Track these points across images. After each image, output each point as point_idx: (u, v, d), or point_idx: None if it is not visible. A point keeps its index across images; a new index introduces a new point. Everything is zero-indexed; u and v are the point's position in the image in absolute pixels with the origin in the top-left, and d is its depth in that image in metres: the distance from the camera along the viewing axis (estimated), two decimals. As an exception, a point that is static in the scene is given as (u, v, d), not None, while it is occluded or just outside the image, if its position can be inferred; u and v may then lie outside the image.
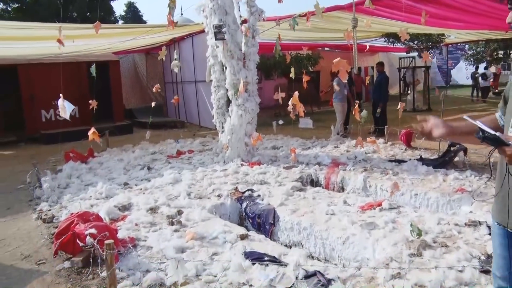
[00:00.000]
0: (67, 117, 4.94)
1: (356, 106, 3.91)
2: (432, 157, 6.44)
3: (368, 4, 5.93)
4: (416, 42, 14.47)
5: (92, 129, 5.67)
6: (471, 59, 22.24)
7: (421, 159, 6.19)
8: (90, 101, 5.53)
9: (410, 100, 13.97)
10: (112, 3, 26.61)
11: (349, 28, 4.49)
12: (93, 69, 4.96)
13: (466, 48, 22.36)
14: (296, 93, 4.28)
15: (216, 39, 6.41)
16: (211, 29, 6.55)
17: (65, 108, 4.85)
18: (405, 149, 7.26)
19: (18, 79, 10.94)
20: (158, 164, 7.07)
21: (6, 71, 10.85)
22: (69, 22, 22.93)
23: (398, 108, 3.96)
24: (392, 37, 13.83)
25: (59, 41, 4.92)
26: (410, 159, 6.21)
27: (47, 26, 9.37)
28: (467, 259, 3.02)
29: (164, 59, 6.11)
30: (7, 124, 11.20)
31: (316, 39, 13.37)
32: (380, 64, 9.90)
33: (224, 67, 6.84)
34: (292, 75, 6.29)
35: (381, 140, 7.96)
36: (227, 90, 6.83)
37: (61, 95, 4.71)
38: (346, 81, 6.49)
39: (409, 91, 14.82)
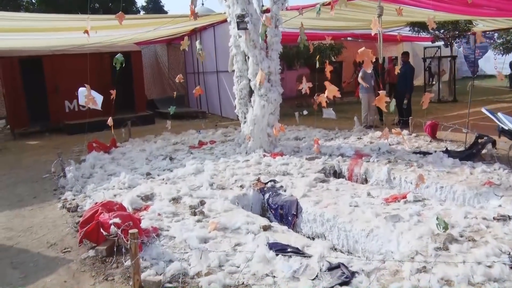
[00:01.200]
0: (99, 107, 5.04)
1: (381, 95, 3.83)
2: (458, 149, 6.30)
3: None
4: (442, 31, 14.04)
5: (110, 119, 5.79)
6: (501, 48, 21.49)
7: (447, 151, 6.06)
8: (110, 91, 5.61)
9: (436, 90, 13.66)
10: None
11: (374, 17, 4.38)
12: (119, 57, 4.99)
13: (495, 37, 21.60)
14: (332, 87, 4.23)
15: (238, 28, 6.39)
16: (234, 18, 6.52)
17: (95, 99, 4.94)
18: (430, 141, 7.13)
19: (43, 70, 11.15)
20: (180, 154, 7.14)
21: (31, 63, 11.07)
22: (91, 13, 23.30)
23: (423, 99, 3.88)
24: (418, 26, 13.50)
25: (86, 32, 4.98)
26: (435, 151, 6.09)
27: (70, 18, 9.55)
28: (496, 255, 2.95)
29: (186, 49, 6.11)
30: (32, 114, 11.46)
31: (339, 28, 13.17)
32: (405, 54, 9.70)
33: (246, 57, 6.82)
34: (317, 66, 6.21)
35: (405, 131, 7.83)
36: (249, 80, 6.82)
37: (86, 85, 4.76)
38: (371, 71, 6.38)
39: (434, 82, 14.51)
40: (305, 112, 7.45)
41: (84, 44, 10.77)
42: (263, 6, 7.30)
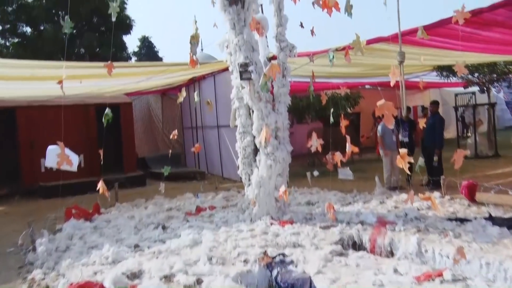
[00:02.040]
0: (74, 168, 5.04)
1: (402, 153, 3.86)
2: (505, 216, 6.17)
3: (422, 35, 5.94)
4: (476, 75, 14.22)
5: (101, 182, 5.75)
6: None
7: (491, 218, 5.93)
8: (99, 152, 5.70)
9: (471, 144, 13.69)
10: (124, 38, 27.95)
11: (395, 64, 4.52)
12: (108, 113, 5.12)
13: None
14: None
15: (241, 79, 6.59)
16: (236, 67, 6.75)
17: (71, 158, 4.95)
18: (468, 205, 7.04)
19: (16, 123, 11.31)
20: (174, 222, 7.10)
21: (1, 114, 11.24)
22: (76, 59, 24.11)
23: (454, 157, 3.86)
24: (446, 70, 13.78)
25: (60, 83, 5.10)
26: (476, 218, 5.99)
27: (50, 65, 9.80)
28: None
29: (182, 101, 6.29)
30: (0, 174, 11.43)
31: (355, 75, 13.53)
32: (434, 104, 9.86)
33: (250, 111, 6.97)
34: (331, 120, 6.33)
35: (437, 193, 7.78)
36: (254, 137, 6.92)
37: (59, 142, 4.76)
38: (393, 127, 6.46)
39: (469, 134, 14.57)
40: (316, 173, 7.48)
41: (66, 95, 11.01)
42: (269, 52, 7.57)
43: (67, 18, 4.45)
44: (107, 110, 5.19)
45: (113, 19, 4.95)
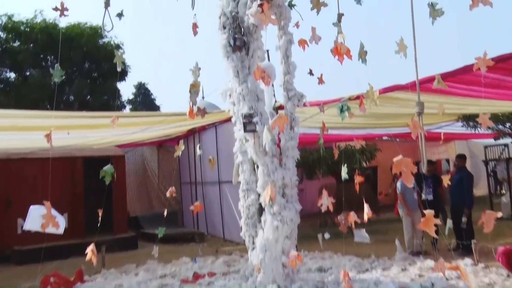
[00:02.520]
0: (61, 231, 4.99)
1: (427, 215, 3.82)
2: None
3: (438, 84, 6.04)
4: (508, 125, 14.22)
5: (92, 246, 5.66)
6: None
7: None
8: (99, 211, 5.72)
9: (506, 203, 13.51)
10: (118, 85, 28.53)
11: (414, 117, 4.58)
12: (109, 169, 5.16)
13: None
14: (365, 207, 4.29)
15: (245, 131, 6.66)
16: (239, 118, 6.84)
17: (57, 220, 4.92)
18: (508, 275, 6.86)
19: (-9, 179, 11.16)
20: (168, 291, 6.99)
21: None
22: (64, 107, 24.52)
23: (483, 219, 3.79)
24: (472, 120, 13.83)
25: (47, 137, 5.19)
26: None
27: (34, 115, 9.93)
28: None
29: (180, 155, 6.35)
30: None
31: (371, 126, 13.63)
32: (461, 158, 9.88)
33: (255, 166, 7.00)
34: (343, 175, 6.35)
35: (468, 260, 7.63)
36: (259, 194, 6.91)
37: (46, 202, 4.75)
38: (414, 184, 6.46)
39: (503, 191, 14.43)
40: (327, 236, 7.42)
41: (50, 148, 10.96)
42: (275, 102, 7.70)
43: (57, 66, 4.60)
44: (107, 167, 5.23)
45: (118, 69, 5.14)
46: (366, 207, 4.38)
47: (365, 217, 4.32)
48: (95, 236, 11.09)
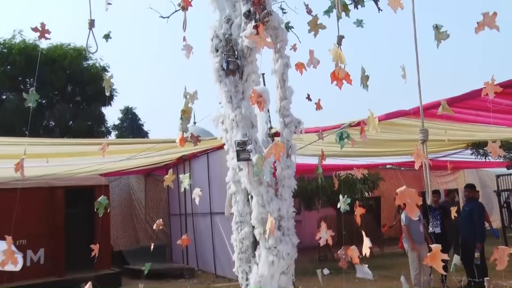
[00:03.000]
0: (18, 267, 4.84)
1: (434, 250, 3.85)
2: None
3: (444, 110, 6.13)
4: (522, 153, 14.32)
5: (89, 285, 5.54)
6: None
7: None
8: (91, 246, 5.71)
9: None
10: (103, 110, 28.60)
11: (417, 145, 4.65)
12: (103, 201, 5.18)
13: None
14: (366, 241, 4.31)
15: (238, 159, 6.69)
16: (233, 146, 6.89)
17: (16, 256, 4.78)
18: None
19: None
20: (154, 333, 6.95)
21: None
22: (44, 133, 24.47)
23: (495, 255, 3.80)
24: (482, 147, 13.93)
25: (18, 166, 5.11)
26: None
27: (7, 142, 9.93)
28: None
29: (171, 186, 6.37)
30: None
31: (373, 155, 13.73)
32: (470, 188, 9.96)
33: (249, 196, 7.03)
34: (341, 207, 6.38)
35: (479, 299, 7.64)
36: (253, 227, 6.92)
37: (7, 237, 4.65)
38: (419, 216, 6.50)
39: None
40: (326, 272, 7.42)
41: (27, 177, 10.86)
42: (271, 128, 7.76)
43: (31, 90, 4.61)
44: (101, 198, 5.27)
45: (107, 93, 5.19)
46: (367, 240, 4.40)
47: (366, 252, 4.34)
48: (76, 272, 11.10)
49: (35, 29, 4.69)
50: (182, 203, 14.09)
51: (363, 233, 4.38)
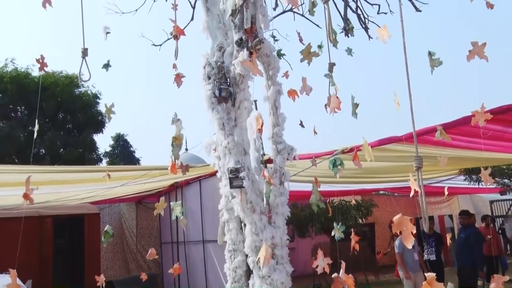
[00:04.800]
0: None
1: (429, 278, 3.83)
2: None
3: (441, 136, 6.15)
4: (515, 178, 14.36)
5: None
6: None
7: None
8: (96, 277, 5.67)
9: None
10: (95, 137, 28.54)
11: (411, 174, 4.66)
12: (109, 230, 5.14)
13: None
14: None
15: (231, 187, 6.68)
16: (225, 173, 6.87)
17: None
18: None
19: None
20: None
21: None
22: (34, 161, 24.30)
23: (494, 280, 3.80)
24: (476, 173, 13.98)
25: (26, 197, 5.06)
26: None
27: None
28: None
29: (162, 214, 6.33)
30: None
31: (367, 181, 13.73)
32: (465, 215, 9.94)
33: (242, 224, 6.99)
34: (336, 235, 6.36)
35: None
36: (246, 256, 6.86)
37: (11, 270, 4.59)
38: (414, 243, 6.48)
39: (512, 250, 14.42)
40: None
41: (15, 205, 10.74)
42: (263, 155, 7.76)
43: (37, 125, 4.68)
44: (107, 227, 5.24)
45: (108, 121, 5.24)
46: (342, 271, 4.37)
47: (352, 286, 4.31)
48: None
49: (37, 61, 4.79)
50: (174, 231, 13.96)
51: (343, 263, 4.35)
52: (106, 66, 5.74)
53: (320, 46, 5.54)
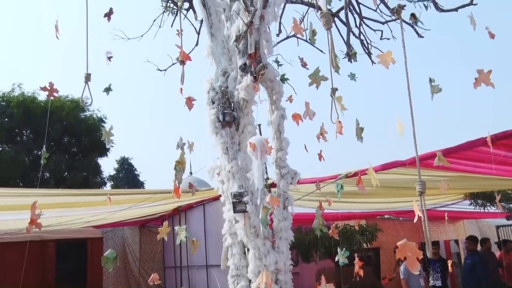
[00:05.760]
0: None
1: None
2: None
3: (440, 161, 6.18)
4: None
5: None
6: None
7: None
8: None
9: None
10: (99, 160, 28.64)
11: (414, 199, 4.66)
12: (110, 254, 5.12)
13: None
14: None
15: (235, 211, 6.68)
16: (229, 198, 6.88)
17: None
18: None
19: None
20: None
21: None
22: (38, 185, 24.35)
23: None
24: (482, 198, 13.87)
25: (33, 223, 5.08)
26: None
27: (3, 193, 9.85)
28: None
29: (165, 238, 6.33)
30: None
31: (371, 206, 13.68)
32: (472, 240, 9.90)
33: (246, 249, 6.96)
34: (340, 260, 6.33)
35: None
36: (250, 281, 6.82)
37: None
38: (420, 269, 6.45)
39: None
40: None
41: (18, 229, 10.61)
42: (267, 179, 7.76)
43: (44, 151, 4.71)
44: (109, 252, 5.22)
45: (107, 145, 5.25)
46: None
47: None
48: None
49: (43, 89, 4.77)
50: (178, 255, 13.89)
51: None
52: (107, 90, 5.79)
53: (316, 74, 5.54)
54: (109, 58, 5.54)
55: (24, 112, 24.56)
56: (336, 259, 6.58)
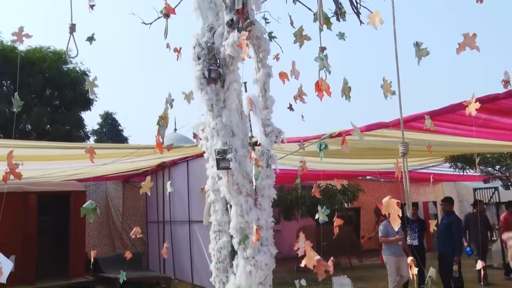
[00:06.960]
0: (4, 279, 4.75)
1: (410, 260, 3.91)
2: None
3: (429, 125, 6.21)
4: (498, 167, 14.39)
5: None
6: None
7: None
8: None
9: (497, 251, 13.63)
10: (83, 114, 28.33)
11: (397, 159, 4.71)
12: (89, 205, 5.05)
13: None
14: (312, 254, 4.33)
15: (218, 168, 6.69)
16: (213, 155, 6.88)
17: (1, 266, 4.66)
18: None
19: None
20: None
21: None
22: (19, 136, 24.05)
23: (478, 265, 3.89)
24: (461, 161, 14.04)
25: (11, 173, 4.97)
26: None
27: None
28: None
29: (148, 193, 6.34)
30: None
31: (353, 165, 13.80)
32: (448, 201, 10.06)
33: (228, 206, 7.02)
34: (320, 218, 6.41)
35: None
36: (231, 236, 6.90)
37: None
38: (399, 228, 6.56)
39: (494, 238, 14.55)
40: (303, 282, 7.42)
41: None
42: (251, 137, 7.77)
43: (16, 96, 4.59)
44: (88, 203, 5.16)
45: (91, 96, 5.16)
46: (310, 255, 4.41)
47: (310, 265, 4.36)
48: (48, 280, 10.94)
49: (13, 34, 4.62)
50: (160, 210, 13.99)
51: (309, 249, 4.39)
52: (90, 39, 5.66)
53: (328, 18, 5.43)
54: (92, 6, 5.40)
55: (4, 61, 23.82)
56: (316, 217, 6.66)
